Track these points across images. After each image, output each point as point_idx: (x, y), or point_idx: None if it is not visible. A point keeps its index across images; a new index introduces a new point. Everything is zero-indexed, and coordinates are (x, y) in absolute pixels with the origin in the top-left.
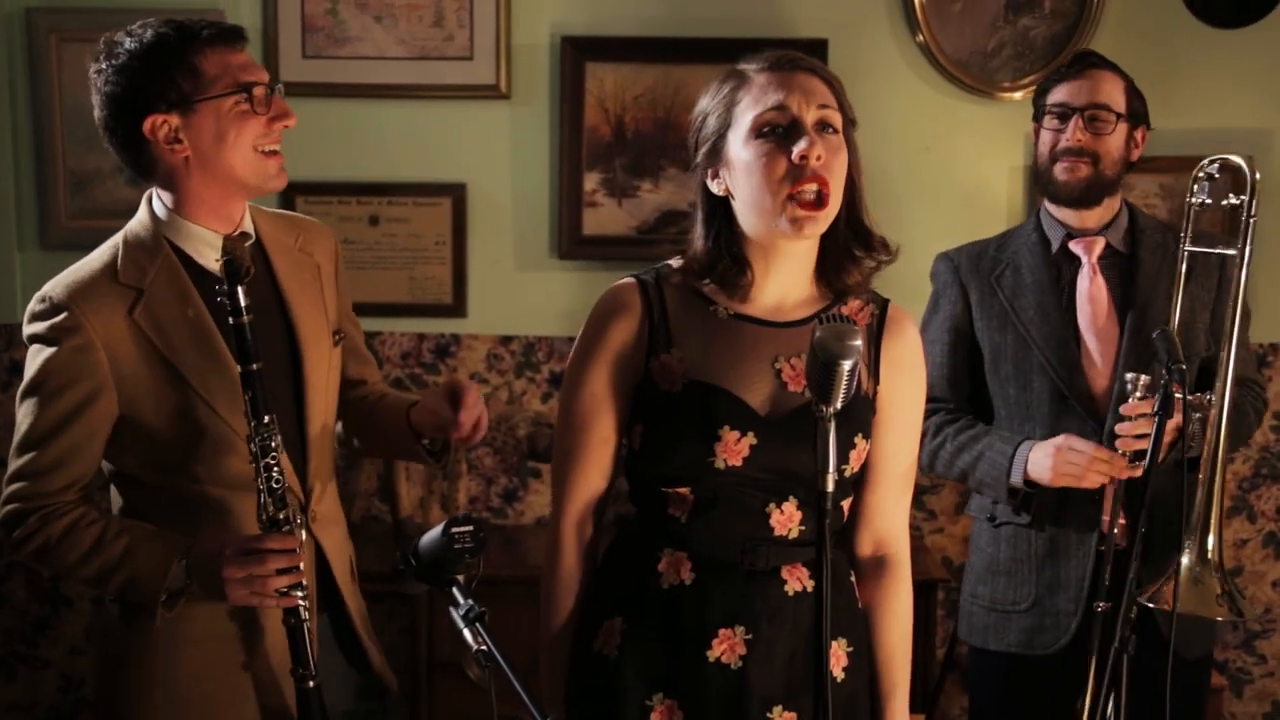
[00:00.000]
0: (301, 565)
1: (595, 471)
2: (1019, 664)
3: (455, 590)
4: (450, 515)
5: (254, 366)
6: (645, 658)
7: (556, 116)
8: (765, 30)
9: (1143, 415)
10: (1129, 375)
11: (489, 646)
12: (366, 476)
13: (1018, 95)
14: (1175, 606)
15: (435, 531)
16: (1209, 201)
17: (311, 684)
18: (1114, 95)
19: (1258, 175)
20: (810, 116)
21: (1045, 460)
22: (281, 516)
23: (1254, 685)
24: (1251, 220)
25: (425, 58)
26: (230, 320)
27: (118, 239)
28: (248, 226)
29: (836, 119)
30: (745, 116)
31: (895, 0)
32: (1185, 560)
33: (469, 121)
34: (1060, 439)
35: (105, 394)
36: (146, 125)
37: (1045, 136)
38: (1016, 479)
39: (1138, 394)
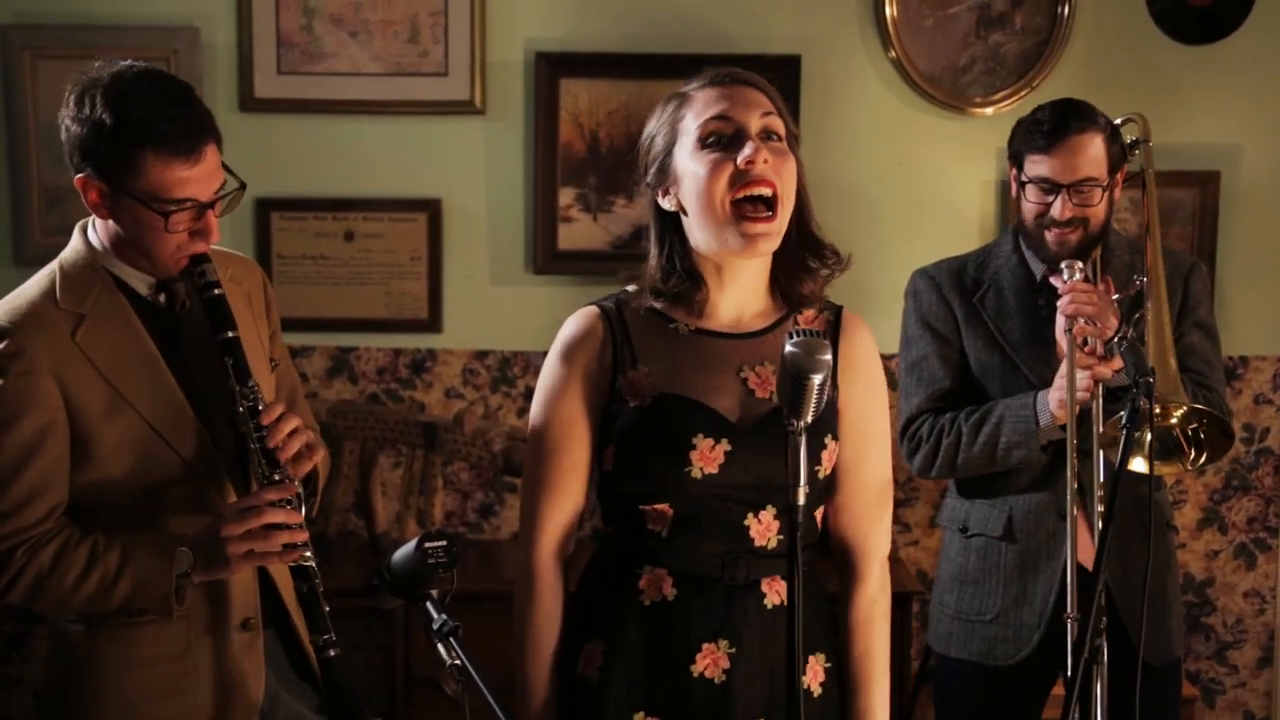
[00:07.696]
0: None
1: (568, 499)
2: (981, 672)
3: (429, 605)
4: (426, 530)
5: (230, 334)
6: (628, 677)
7: (531, 132)
8: (738, 46)
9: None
10: (1064, 264)
11: (463, 661)
12: (343, 492)
13: (989, 110)
14: (1145, 610)
15: (408, 546)
16: None
17: (333, 652)
18: (1097, 162)
19: None
20: (754, 125)
21: (1058, 384)
22: (276, 477)
23: (1226, 696)
24: None
25: (400, 74)
26: (203, 296)
27: (53, 267)
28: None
29: (780, 127)
30: (690, 130)
31: (868, 16)
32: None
33: (444, 137)
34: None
35: (62, 417)
36: (78, 180)
37: (1029, 207)
38: (1045, 420)
39: (1077, 276)
